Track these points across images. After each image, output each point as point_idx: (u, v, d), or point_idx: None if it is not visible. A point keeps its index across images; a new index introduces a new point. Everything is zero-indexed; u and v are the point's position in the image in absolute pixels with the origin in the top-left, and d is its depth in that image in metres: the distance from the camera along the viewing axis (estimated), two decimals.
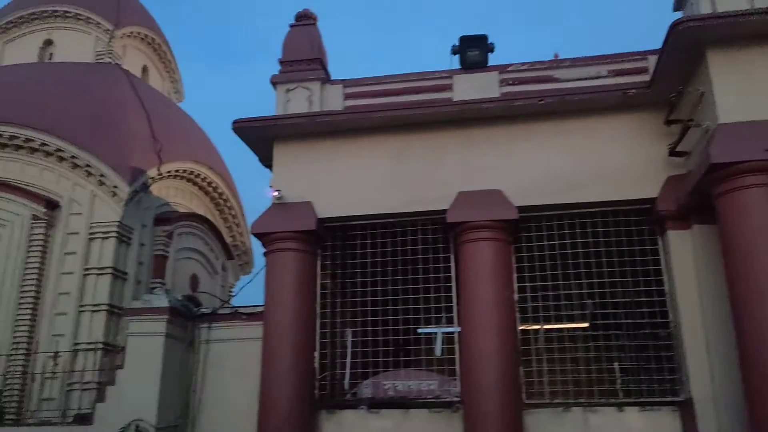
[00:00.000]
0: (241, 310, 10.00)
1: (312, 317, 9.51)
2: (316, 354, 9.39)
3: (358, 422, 9.07)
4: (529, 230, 9.44)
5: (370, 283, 9.62)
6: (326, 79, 10.55)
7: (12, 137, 12.70)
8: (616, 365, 9.07)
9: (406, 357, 9.82)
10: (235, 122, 10.02)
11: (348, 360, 9.59)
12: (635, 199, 9.09)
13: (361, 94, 10.35)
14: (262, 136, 10.24)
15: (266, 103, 13.61)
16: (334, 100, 10.35)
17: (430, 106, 9.71)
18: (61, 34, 15.91)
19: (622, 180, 9.10)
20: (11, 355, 11.19)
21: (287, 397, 8.88)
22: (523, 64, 10.04)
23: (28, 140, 12.66)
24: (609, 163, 9.21)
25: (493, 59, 10.20)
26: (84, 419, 9.34)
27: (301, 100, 10.33)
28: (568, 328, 9.54)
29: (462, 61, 10.12)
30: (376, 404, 9.06)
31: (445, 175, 9.67)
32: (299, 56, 10.54)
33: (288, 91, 10.41)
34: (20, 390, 11.09)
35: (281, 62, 10.64)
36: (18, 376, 11.16)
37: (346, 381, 9.55)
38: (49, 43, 15.93)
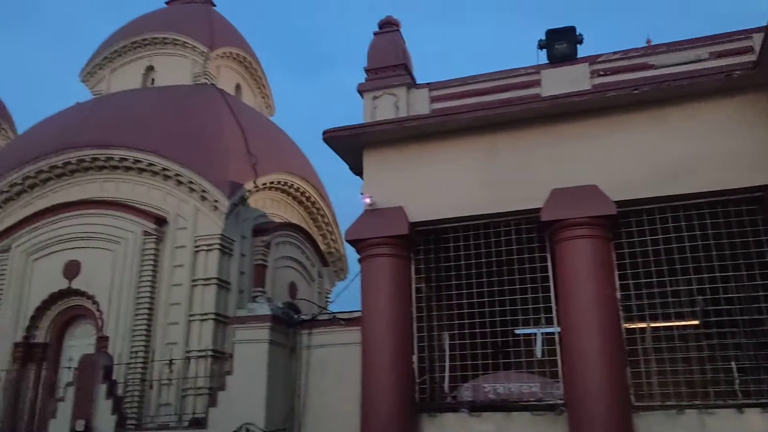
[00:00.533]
0: (339, 315, 10.20)
1: (408, 321, 9.57)
2: (415, 358, 9.44)
3: (460, 425, 9.02)
4: (629, 225, 9.07)
5: (465, 285, 9.56)
6: (412, 84, 10.62)
7: (122, 159, 13.62)
8: (733, 364, 8.53)
9: (505, 359, 9.68)
10: (325, 132, 10.27)
11: (446, 363, 9.57)
12: (745, 187, 8.54)
13: (447, 97, 10.33)
14: (352, 145, 10.43)
15: (354, 112, 13.89)
16: (420, 104, 10.40)
17: (518, 104, 9.55)
18: (161, 60, 16.90)
19: (730, 168, 8.58)
20: (130, 363, 11.95)
21: (388, 401, 8.97)
22: (614, 53, 9.69)
23: (136, 161, 13.53)
24: (713, 150, 8.72)
25: (581, 51, 9.92)
26: (199, 423, 9.84)
27: (388, 107, 10.45)
28: (677, 326, 9.07)
29: (549, 55, 9.89)
30: (478, 407, 8.98)
31: (536, 173, 9.48)
32: (384, 63, 10.66)
33: (375, 98, 10.56)
34: (139, 396, 11.83)
35: (367, 70, 10.81)
36: (137, 383, 11.92)
37: (446, 384, 9.53)
38: (150, 69, 16.95)
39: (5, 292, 13.26)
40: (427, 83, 10.64)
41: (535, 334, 9.33)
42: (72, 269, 13.13)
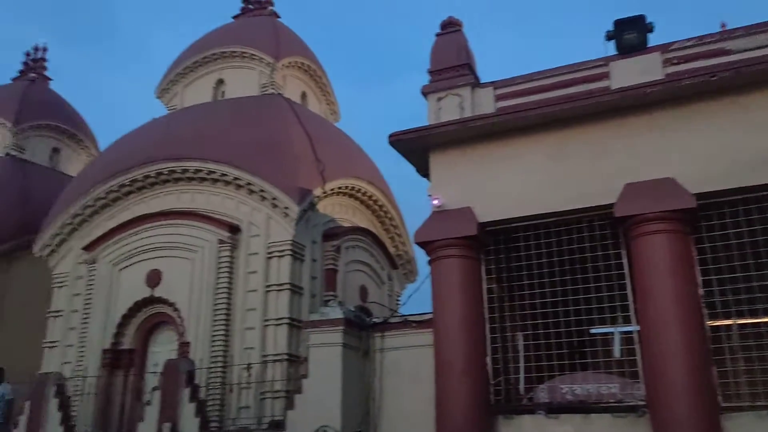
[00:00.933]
0: (411, 318, 10.23)
1: (481, 323, 9.50)
2: (488, 359, 9.36)
3: (537, 427, 8.88)
4: (710, 218, 8.69)
5: (537, 285, 9.41)
6: (476, 83, 10.55)
7: (197, 171, 14.14)
8: None
9: (582, 359, 9.45)
10: (391, 136, 10.33)
11: (521, 364, 9.46)
12: None
13: (513, 94, 10.20)
14: (417, 147, 10.46)
15: (419, 116, 13.92)
16: (485, 104, 10.31)
17: (586, 98, 9.34)
18: (230, 73, 17.44)
19: None
20: (211, 367, 12.38)
21: (462, 402, 8.93)
22: (687, 40, 9.32)
23: (210, 172, 14.02)
24: None
25: (652, 39, 9.60)
26: (277, 426, 10.08)
27: (453, 107, 10.42)
28: (765, 323, 8.63)
29: (618, 46, 9.62)
30: (555, 409, 8.81)
31: (608, 168, 9.23)
32: (447, 64, 10.64)
33: (439, 99, 10.55)
34: (220, 399, 12.23)
35: (430, 72, 10.82)
36: (218, 386, 12.33)
37: (521, 386, 9.41)
38: (220, 82, 17.53)
39: (94, 301, 13.99)
40: (492, 82, 10.54)
41: (613, 333, 9.07)
42: (154, 278, 13.73)
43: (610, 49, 9.78)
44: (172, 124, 15.76)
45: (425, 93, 10.74)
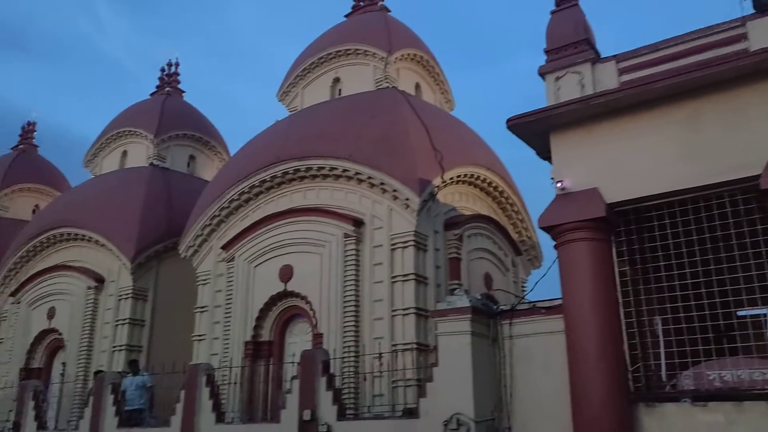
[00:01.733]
0: (539, 304, 10.01)
1: (614, 307, 9.13)
2: (625, 345, 8.98)
3: (682, 416, 8.40)
4: None
5: (675, 265, 8.89)
6: (596, 59, 10.11)
7: (319, 168, 14.67)
8: None
9: (730, 344, 8.82)
10: (509, 120, 10.15)
11: (662, 350, 8.98)
12: None
13: (638, 66, 9.68)
14: (537, 130, 10.19)
15: (532, 97, 13.55)
16: (607, 79, 9.86)
17: (722, 63, 8.65)
18: (345, 71, 17.91)
19: None
20: (344, 357, 12.84)
21: (599, 390, 8.64)
22: None
23: (332, 169, 14.50)
24: None
25: None
26: (411, 413, 10.28)
27: (572, 86, 10.05)
28: None
29: (757, 4, 8.83)
30: (702, 396, 8.29)
31: (750, 137, 8.52)
32: (565, 41, 10.28)
33: (557, 79, 10.22)
34: (354, 388, 12.66)
35: (547, 51, 10.50)
36: (351, 375, 12.77)
37: (663, 372, 8.94)
38: (336, 80, 18.04)
39: (234, 296, 14.95)
40: (614, 55, 10.05)
41: (766, 315, 8.38)
42: (286, 273, 14.44)
43: (747, 8, 9.01)
44: (294, 125, 16.43)
45: (542, 73, 10.44)
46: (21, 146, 26.45)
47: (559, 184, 9.70)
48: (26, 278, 18.90)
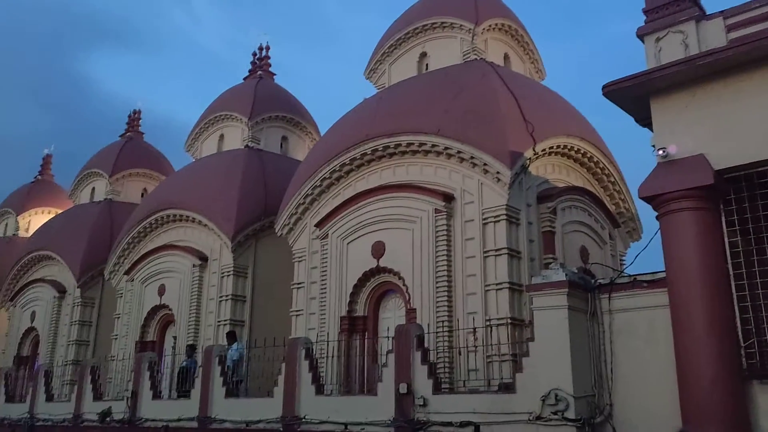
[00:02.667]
0: (641, 278, 9.60)
1: (724, 280, 8.62)
2: (737, 319, 8.48)
3: None
4: None
5: None
6: (701, 16, 9.45)
7: (408, 144, 14.66)
8: None
9: None
10: (605, 86, 9.69)
11: None
12: None
13: (748, 22, 8.97)
14: (636, 95, 9.68)
15: (627, 63, 12.89)
16: (714, 37, 9.21)
17: None
18: (432, 45, 17.72)
19: None
20: (437, 332, 12.90)
21: (708, 366, 8.23)
22: None
23: (421, 144, 14.46)
24: None
25: None
26: (507, 388, 10.21)
27: (675, 46, 9.47)
28: None
29: None
30: None
31: None
32: None
33: (658, 40, 9.65)
34: (449, 362, 12.71)
35: (646, 11, 9.91)
36: (445, 350, 12.82)
37: None
38: (423, 55, 17.89)
39: (328, 273, 15.32)
40: (720, 12, 9.36)
41: None
42: (378, 249, 14.62)
43: None
44: (382, 102, 16.48)
45: (642, 35, 9.88)
46: (128, 134, 28.15)
47: (661, 152, 9.20)
48: (138, 258, 20.20)
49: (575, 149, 15.34)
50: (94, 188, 26.37)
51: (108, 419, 15.43)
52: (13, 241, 28.76)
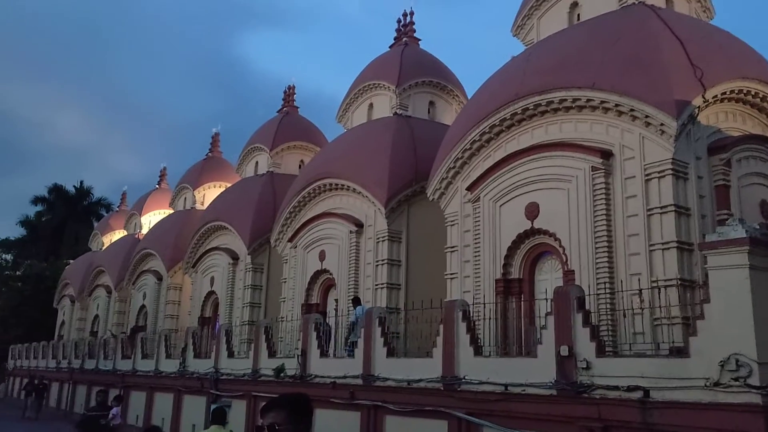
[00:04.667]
0: None
1: None
2: None
3: None
4: None
5: None
6: None
7: (561, 100, 14.07)
8: None
9: None
10: None
11: None
12: None
13: None
14: None
15: None
16: None
17: None
18: None
19: None
20: (598, 294, 12.43)
21: None
22: None
23: (575, 100, 13.81)
24: None
25: None
26: (680, 352, 9.64)
27: None
28: None
29: None
30: None
31: None
32: None
33: None
34: (611, 325, 12.23)
35: None
36: (607, 312, 12.34)
37: None
38: (574, 5, 16.92)
39: (481, 236, 15.29)
40: None
41: None
42: (532, 210, 14.32)
43: None
44: (531, 59, 15.92)
45: None
46: (284, 109, 29.76)
47: None
48: (299, 226, 21.47)
49: (753, 93, 13.85)
50: (257, 162, 28.31)
51: (282, 375, 16.74)
52: (191, 214, 31.80)
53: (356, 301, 17.35)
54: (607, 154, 13.33)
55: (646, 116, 12.68)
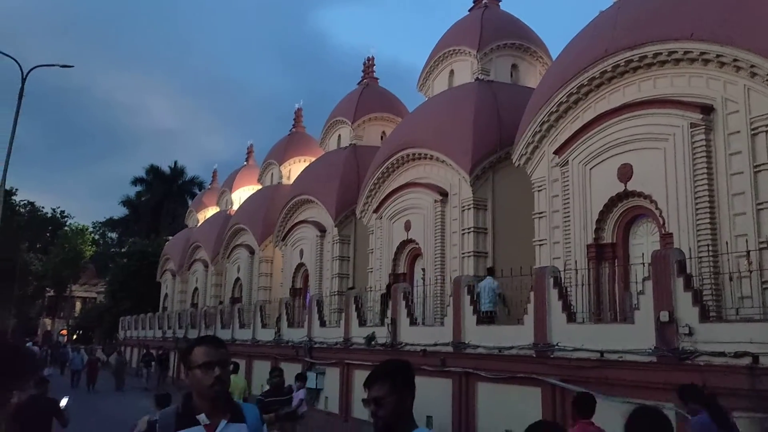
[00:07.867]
0: None
1: None
2: None
3: None
4: None
5: None
6: None
7: (655, 54, 13.30)
8: None
9: None
10: None
11: None
12: None
13: None
14: None
15: None
16: None
17: None
18: None
19: None
20: (700, 257, 11.83)
21: None
22: None
23: (671, 53, 13.03)
24: None
25: None
26: None
27: None
28: None
29: None
30: None
31: None
32: None
33: None
34: (714, 289, 11.63)
35: None
36: (709, 276, 11.73)
37: None
38: None
39: (571, 200, 14.84)
40: None
41: None
42: (625, 172, 13.74)
43: None
44: (621, 11, 15.08)
45: None
46: (365, 81, 29.80)
47: None
48: (384, 196, 21.59)
49: None
50: (339, 135, 28.61)
51: (373, 343, 17.06)
52: (278, 188, 32.67)
53: (489, 271, 16.63)
54: (707, 109, 12.54)
55: (752, 66, 11.80)
